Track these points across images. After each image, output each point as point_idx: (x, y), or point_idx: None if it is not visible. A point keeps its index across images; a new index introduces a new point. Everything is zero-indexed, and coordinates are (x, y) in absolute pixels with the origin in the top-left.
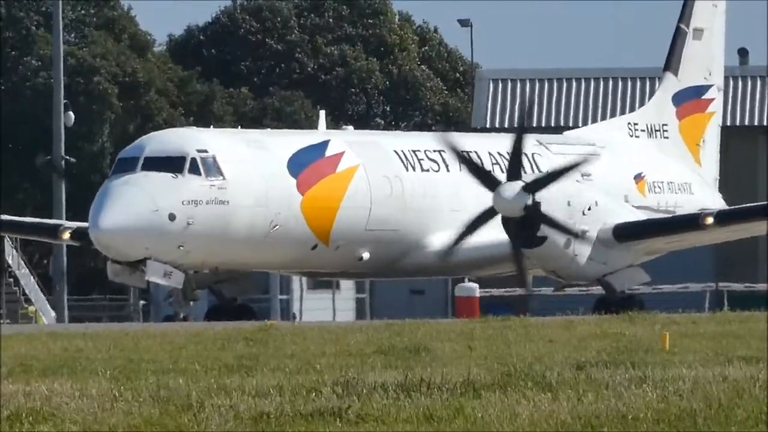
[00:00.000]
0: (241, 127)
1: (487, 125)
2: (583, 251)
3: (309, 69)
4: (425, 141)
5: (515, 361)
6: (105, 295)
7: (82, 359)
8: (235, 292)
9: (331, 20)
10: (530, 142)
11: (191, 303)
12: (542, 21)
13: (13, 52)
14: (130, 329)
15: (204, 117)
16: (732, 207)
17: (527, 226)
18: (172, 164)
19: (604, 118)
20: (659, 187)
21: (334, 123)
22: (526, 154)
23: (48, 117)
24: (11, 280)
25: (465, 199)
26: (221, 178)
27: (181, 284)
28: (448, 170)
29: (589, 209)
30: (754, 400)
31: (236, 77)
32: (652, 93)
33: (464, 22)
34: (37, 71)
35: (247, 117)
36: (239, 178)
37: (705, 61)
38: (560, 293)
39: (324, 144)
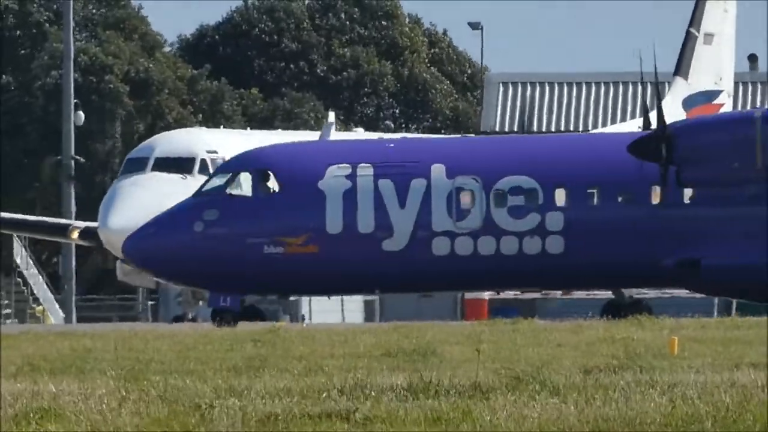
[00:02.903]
0: (251, 128)
1: (497, 128)
2: None
3: (320, 71)
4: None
5: (523, 364)
6: (114, 295)
7: (90, 359)
8: None
9: (348, 23)
10: None
11: (200, 303)
12: (552, 24)
13: (23, 51)
14: (139, 329)
15: (213, 116)
16: None
17: None
18: (182, 165)
19: (614, 122)
20: None
21: (344, 125)
22: None
23: (58, 117)
24: (19, 279)
25: None
26: None
27: None
28: None
29: None
30: (762, 406)
31: (248, 77)
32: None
33: (474, 25)
34: (49, 69)
35: (257, 118)
36: None
37: (715, 66)
38: (567, 296)
39: None
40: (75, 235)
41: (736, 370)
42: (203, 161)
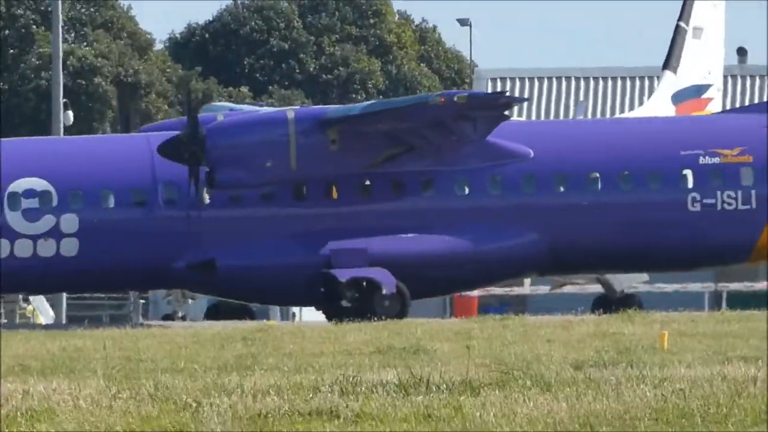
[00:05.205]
0: None
1: None
2: None
3: (310, 68)
4: None
5: (514, 360)
6: (104, 295)
7: (81, 358)
8: None
9: (339, 22)
10: None
11: (189, 302)
12: (541, 20)
13: (12, 51)
14: (129, 329)
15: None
16: None
17: None
18: None
19: (603, 117)
20: None
21: None
22: None
23: (48, 116)
24: None
25: None
26: None
27: None
28: None
29: None
30: (753, 400)
31: (237, 75)
32: (651, 92)
33: (463, 22)
34: (38, 70)
35: None
36: None
37: (704, 59)
38: (557, 292)
39: None
40: None
41: (727, 364)
42: None
